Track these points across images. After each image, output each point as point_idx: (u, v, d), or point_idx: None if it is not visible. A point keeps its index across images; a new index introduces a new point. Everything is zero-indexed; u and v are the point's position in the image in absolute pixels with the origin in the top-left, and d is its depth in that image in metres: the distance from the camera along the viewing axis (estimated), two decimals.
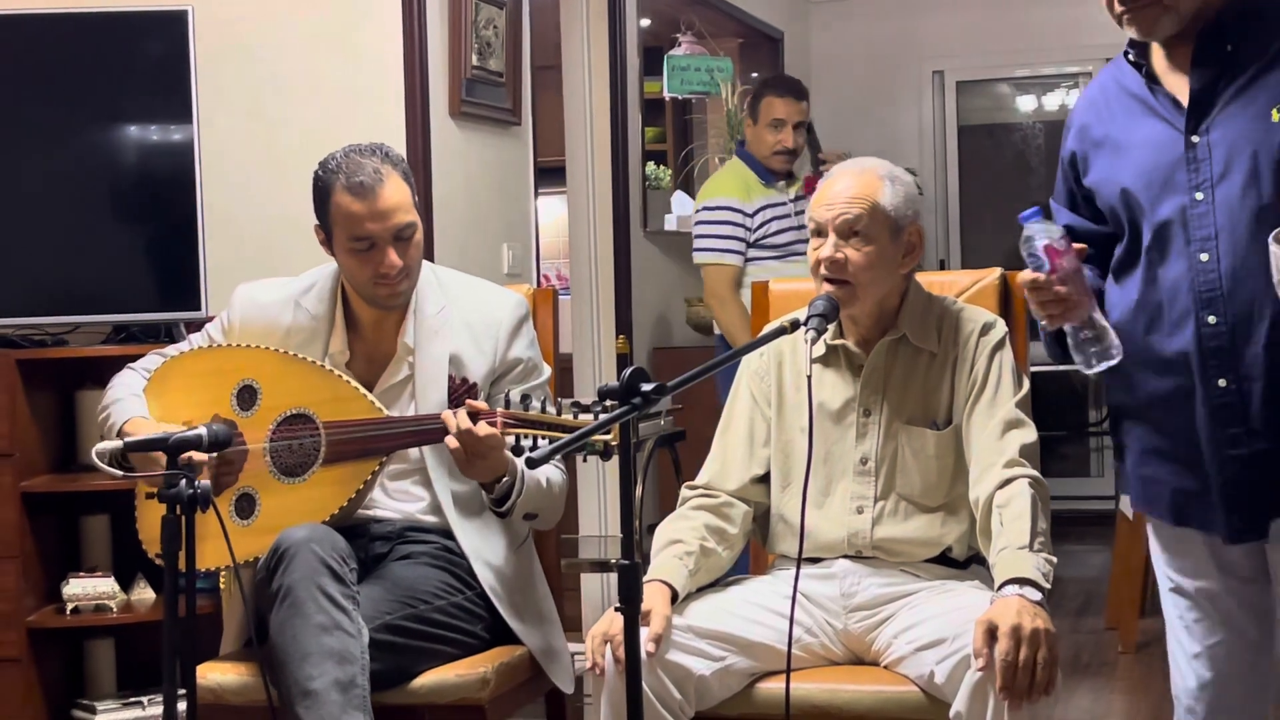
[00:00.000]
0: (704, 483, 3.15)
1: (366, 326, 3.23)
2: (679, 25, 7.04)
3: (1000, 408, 2.95)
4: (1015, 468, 2.88)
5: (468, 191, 4.90)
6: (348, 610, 2.83)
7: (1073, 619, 5.83)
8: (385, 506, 3.19)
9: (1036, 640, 2.59)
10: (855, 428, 3.03)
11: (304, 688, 2.75)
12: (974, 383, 2.99)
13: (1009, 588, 2.68)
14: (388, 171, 3.09)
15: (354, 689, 2.78)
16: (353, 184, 3.07)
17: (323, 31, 4.69)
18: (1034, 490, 2.84)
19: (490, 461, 2.99)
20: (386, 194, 3.07)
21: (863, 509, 3.00)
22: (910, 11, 8.58)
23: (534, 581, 3.26)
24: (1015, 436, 2.92)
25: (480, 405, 3.00)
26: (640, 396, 2.34)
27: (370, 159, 3.10)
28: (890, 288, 3.02)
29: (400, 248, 3.10)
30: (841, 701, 2.86)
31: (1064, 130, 2.81)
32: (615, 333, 5.82)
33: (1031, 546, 2.76)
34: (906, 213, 3.00)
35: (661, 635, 2.79)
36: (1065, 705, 4.58)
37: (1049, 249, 2.54)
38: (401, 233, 3.10)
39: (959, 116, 8.77)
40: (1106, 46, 8.19)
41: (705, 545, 3.02)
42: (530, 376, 3.23)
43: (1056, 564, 2.78)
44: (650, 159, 6.62)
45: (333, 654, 2.77)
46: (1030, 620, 2.60)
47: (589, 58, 5.95)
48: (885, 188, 2.99)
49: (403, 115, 4.57)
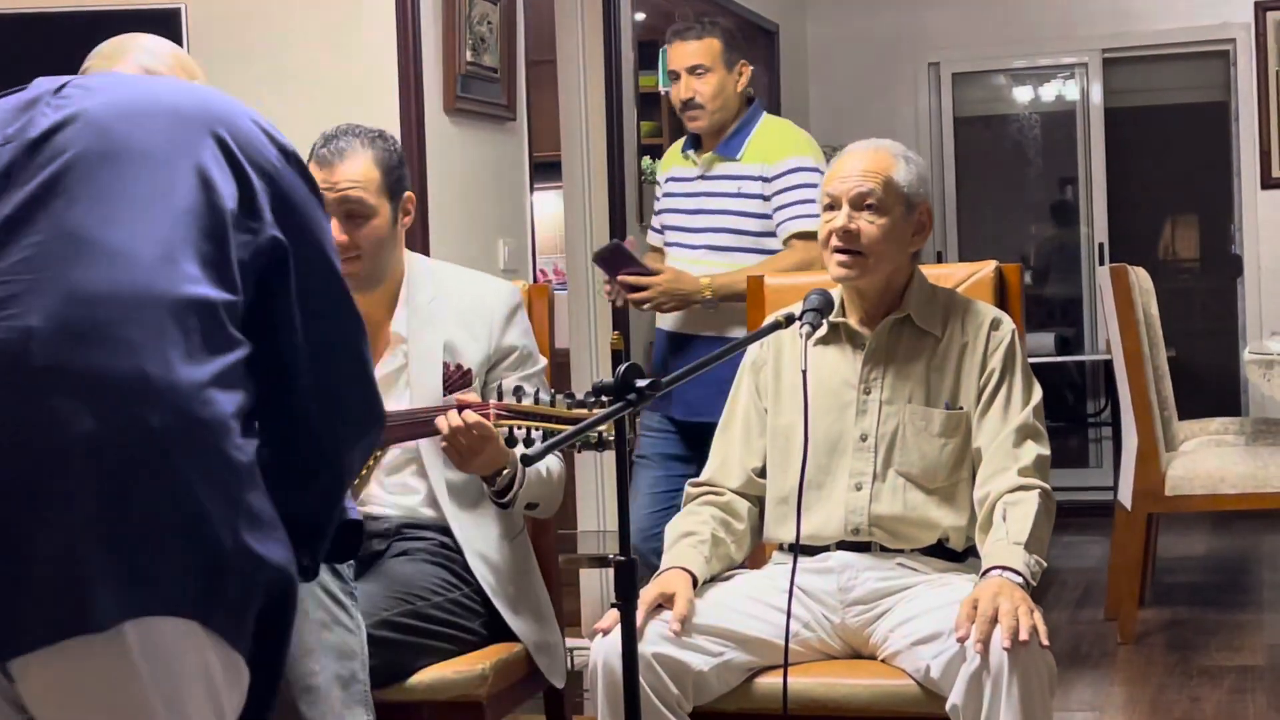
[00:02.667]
0: (706, 479, 3.17)
1: None
2: (674, 18, 7.03)
3: (1017, 413, 2.98)
4: (1030, 477, 2.92)
5: (463, 187, 4.90)
6: (347, 606, 2.83)
7: (1072, 610, 5.83)
8: (382, 502, 3.18)
9: (1015, 598, 2.67)
10: (855, 405, 3.04)
11: (305, 683, 2.75)
12: (988, 376, 3.01)
13: (994, 572, 2.76)
14: (359, 150, 3.08)
15: (355, 684, 2.78)
16: (320, 153, 3.09)
17: (316, 28, 4.69)
18: (1043, 502, 2.90)
19: (485, 455, 2.99)
20: (344, 167, 3.06)
21: (861, 485, 3.00)
22: (906, 3, 8.58)
23: (529, 575, 3.25)
24: (1031, 448, 2.95)
25: (472, 398, 3.00)
26: (635, 392, 2.34)
27: (349, 137, 3.10)
28: (899, 264, 3.04)
29: (350, 226, 3.06)
30: (839, 695, 2.86)
31: None
32: (612, 327, 5.82)
33: (1027, 545, 2.81)
34: (919, 191, 3.04)
35: (686, 616, 2.82)
36: (1064, 696, 4.58)
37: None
38: (352, 209, 3.07)
39: (955, 108, 8.76)
40: (1103, 37, 8.28)
41: (716, 535, 3.05)
42: (525, 364, 3.22)
43: (1046, 566, 2.84)
44: (646, 153, 6.61)
45: (333, 650, 2.77)
46: (1010, 590, 2.70)
47: (584, 52, 5.95)
48: (899, 164, 3.03)
49: (397, 111, 4.56)
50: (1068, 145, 8.71)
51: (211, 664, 1.96)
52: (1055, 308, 8.78)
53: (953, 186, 8.71)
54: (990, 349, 3.03)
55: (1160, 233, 8.90)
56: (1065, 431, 8.59)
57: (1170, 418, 5.63)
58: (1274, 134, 8.09)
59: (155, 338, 1.90)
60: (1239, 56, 8.20)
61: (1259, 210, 8.18)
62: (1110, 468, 7.98)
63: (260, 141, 2.12)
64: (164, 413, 1.88)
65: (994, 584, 2.73)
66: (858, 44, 8.66)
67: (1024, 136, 8.94)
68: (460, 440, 2.95)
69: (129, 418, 1.87)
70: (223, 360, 1.96)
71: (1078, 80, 8.62)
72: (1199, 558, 6.87)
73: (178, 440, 1.89)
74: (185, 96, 2.14)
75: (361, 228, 3.08)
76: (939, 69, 8.70)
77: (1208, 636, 5.30)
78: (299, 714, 2.75)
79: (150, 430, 1.87)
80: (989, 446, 2.97)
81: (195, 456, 1.91)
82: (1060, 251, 8.91)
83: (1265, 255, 8.17)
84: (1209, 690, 4.63)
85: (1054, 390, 8.50)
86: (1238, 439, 5.81)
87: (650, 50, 6.90)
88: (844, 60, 8.68)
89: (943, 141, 8.71)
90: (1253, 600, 6.04)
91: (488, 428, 2.95)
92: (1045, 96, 8.89)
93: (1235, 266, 8.40)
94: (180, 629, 1.92)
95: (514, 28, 5.16)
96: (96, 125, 2.03)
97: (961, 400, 3.02)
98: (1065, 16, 8.37)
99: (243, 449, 1.96)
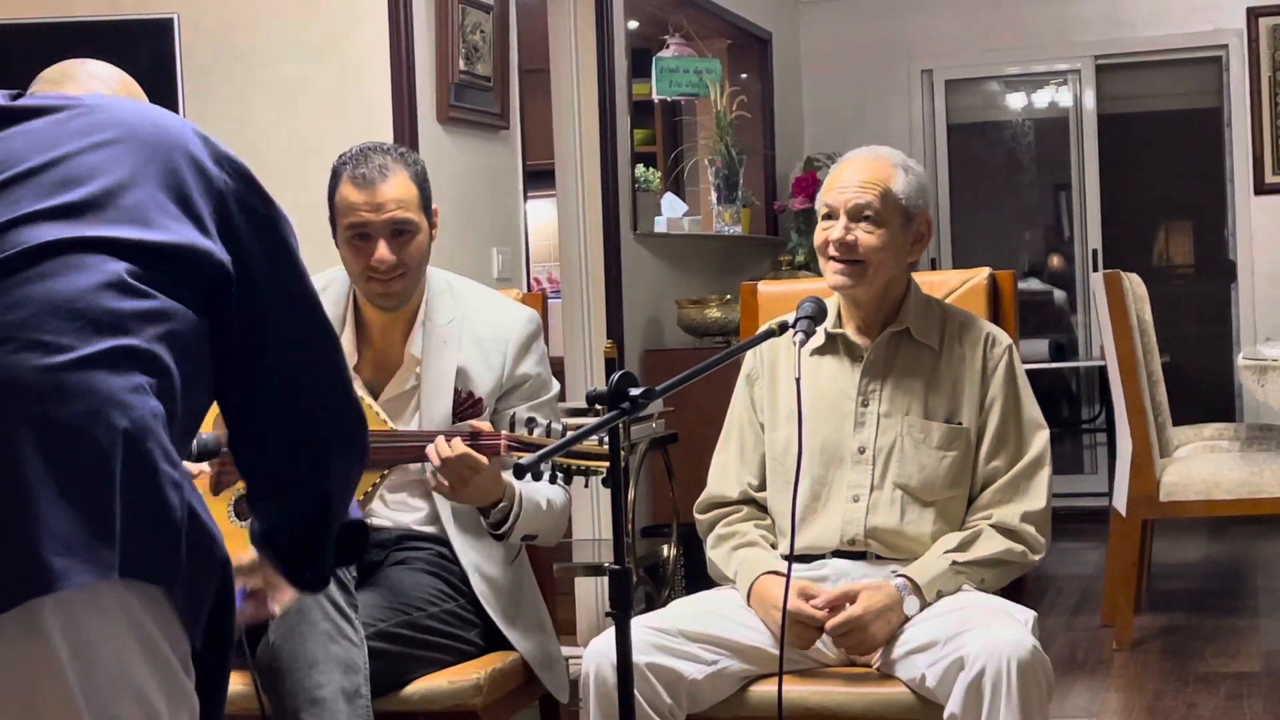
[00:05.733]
0: (708, 498, 3.17)
1: (375, 332, 3.21)
2: (667, 27, 7.04)
3: (1025, 451, 3.02)
4: (1029, 526, 2.97)
5: (457, 196, 4.89)
6: (351, 619, 2.83)
7: (1068, 616, 5.83)
8: (382, 516, 3.18)
9: (890, 627, 2.83)
10: (854, 416, 3.04)
11: (311, 695, 2.75)
12: (991, 398, 3.02)
13: (902, 580, 2.87)
14: (395, 169, 3.11)
15: (359, 699, 2.78)
16: (356, 174, 3.09)
17: (309, 38, 4.69)
18: (1018, 555, 2.96)
19: (474, 487, 2.97)
20: (387, 187, 3.09)
21: (859, 497, 3.00)
22: (898, 11, 8.59)
23: (526, 590, 3.25)
24: (1030, 498, 2.99)
25: (484, 426, 2.99)
26: (629, 401, 2.34)
27: (381, 155, 3.13)
28: (897, 274, 3.03)
29: (396, 244, 3.09)
30: (834, 704, 2.86)
31: None
32: (606, 335, 5.82)
33: (965, 568, 2.91)
34: (918, 201, 3.03)
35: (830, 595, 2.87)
36: (1061, 703, 4.58)
37: None
38: (399, 228, 3.09)
39: (948, 115, 8.76)
40: (1096, 43, 8.29)
41: (764, 537, 3.09)
42: (538, 393, 3.20)
43: (958, 592, 2.91)
44: (639, 161, 6.61)
45: (339, 663, 2.77)
46: (892, 617, 2.84)
47: (577, 61, 5.95)
48: (898, 175, 3.01)
49: (390, 121, 4.56)
50: (1061, 152, 8.72)
51: (155, 637, 1.88)
52: (1049, 314, 8.78)
53: (946, 193, 8.71)
54: (990, 368, 3.03)
55: (1154, 239, 8.90)
56: (1060, 438, 8.59)
57: (1165, 423, 5.63)
58: (1267, 139, 8.10)
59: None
60: (1232, 62, 8.21)
61: (1252, 216, 8.19)
62: (1105, 474, 7.98)
63: (209, 162, 2.06)
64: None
65: (889, 599, 2.84)
66: (851, 51, 8.67)
67: (1017, 143, 8.94)
68: (449, 470, 2.93)
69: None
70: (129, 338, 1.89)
71: (1071, 87, 8.62)
72: (1195, 564, 6.86)
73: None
74: (139, 118, 2.09)
75: (408, 246, 3.11)
76: (932, 76, 8.71)
77: (1204, 643, 5.30)
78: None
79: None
80: (989, 480, 3.01)
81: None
82: (1054, 258, 8.92)
83: (1259, 261, 8.18)
84: (1205, 696, 4.63)
85: (1048, 397, 8.50)
86: (1232, 445, 5.81)
87: (644, 59, 6.91)
88: (837, 68, 8.69)
89: (936, 148, 8.71)
90: (1248, 606, 6.03)
91: (476, 459, 2.93)
92: (1038, 103, 8.90)
93: (1229, 272, 8.41)
94: (130, 595, 1.86)
95: (507, 36, 5.16)
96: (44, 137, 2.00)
97: (961, 416, 3.01)
98: (1058, 23, 8.37)
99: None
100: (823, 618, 2.84)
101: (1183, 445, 5.82)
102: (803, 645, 2.88)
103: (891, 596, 2.85)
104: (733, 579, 3.03)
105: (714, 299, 6.45)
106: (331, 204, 3.15)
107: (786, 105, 8.31)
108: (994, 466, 3.01)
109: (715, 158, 7.09)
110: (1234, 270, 8.34)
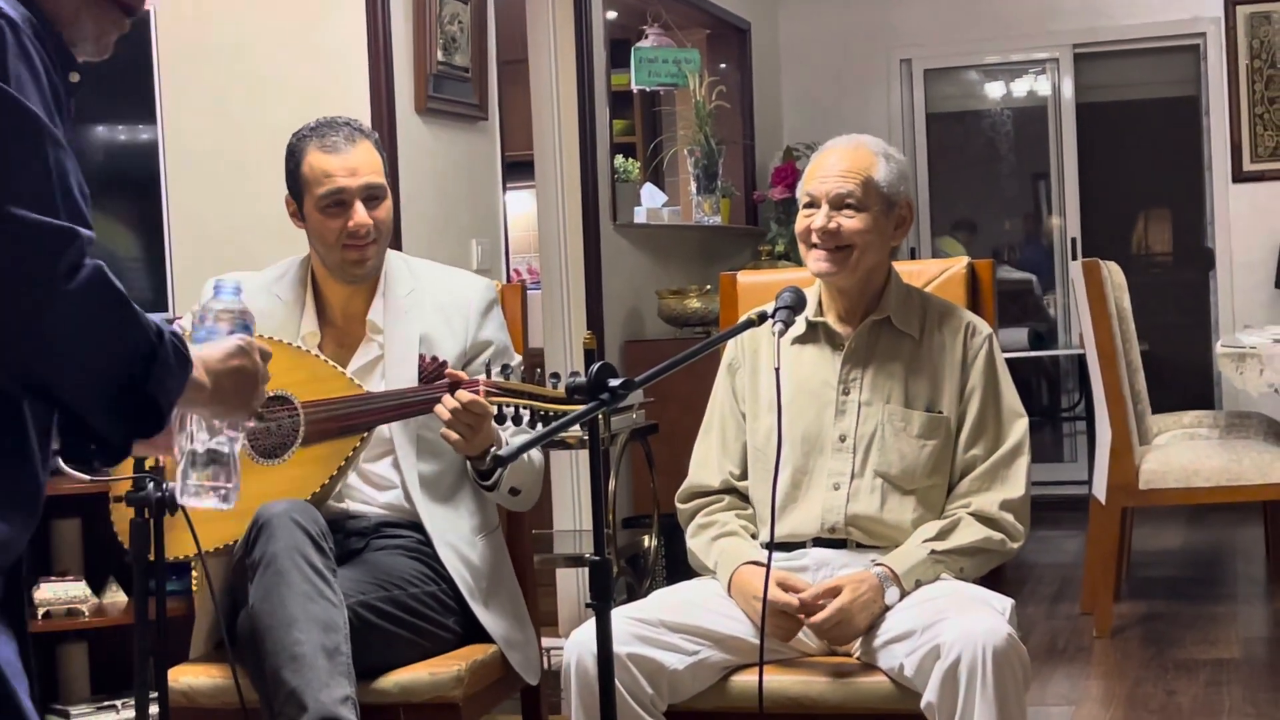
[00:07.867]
0: (690, 487, 3.18)
1: (336, 309, 3.27)
2: (646, 17, 7.03)
3: (1004, 439, 3.03)
4: (1007, 514, 2.97)
5: (435, 188, 4.88)
6: (330, 581, 2.86)
7: (1048, 605, 5.84)
8: (361, 498, 3.19)
9: (871, 616, 2.84)
10: (834, 405, 3.04)
11: (291, 652, 2.77)
12: (970, 387, 3.03)
13: (881, 570, 2.87)
14: (358, 137, 3.20)
15: (339, 656, 2.80)
16: (326, 143, 3.16)
17: (286, 29, 4.67)
18: (997, 543, 2.96)
19: (482, 434, 3.03)
20: (358, 153, 3.17)
21: (839, 485, 3.01)
22: (877, 0, 8.59)
23: (502, 573, 3.26)
24: (1009, 486, 3.00)
25: (461, 374, 3.05)
26: (608, 392, 2.34)
27: (342, 125, 3.21)
28: (879, 261, 3.04)
29: (370, 208, 3.17)
30: (814, 693, 2.86)
31: None
32: (586, 326, 5.81)
33: (944, 557, 2.91)
34: (899, 188, 3.04)
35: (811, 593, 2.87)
36: (1040, 691, 4.59)
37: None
38: (372, 193, 3.17)
39: (927, 104, 8.77)
40: (1074, 32, 8.30)
41: (745, 527, 3.10)
42: (501, 358, 3.24)
43: (934, 581, 2.91)
44: (619, 151, 6.60)
45: (318, 621, 2.80)
46: (872, 606, 2.84)
47: (555, 51, 5.94)
48: (880, 163, 3.02)
49: (368, 112, 4.55)
50: (1040, 140, 8.73)
51: None
52: (1028, 303, 8.80)
53: (925, 182, 8.72)
54: (970, 358, 3.04)
55: (1132, 227, 8.92)
56: (1039, 426, 8.61)
57: (1144, 411, 5.64)
58: (1245, 128, 8.12)
59: None
60: (1209, 51, 8.23)
61: (1230, 204, 8.20)
62: (1085, 462, 8.00)
63: None
64: None
65: (872, 590, 2.85)
66: (830, 41, 8.67)
67: (996, 132, 8.95)
68: (460, 421, 2.99)
69: None
70: None
71: (1049, 75, 8.63)
72: (1174, 551, 6.89)
73: None
74: None
75: (380, 211, 3.19)
76: (911, 65, 8.71)
77: (1183, 630, 5.32)
78: (284, 682, 2.76)
79: None
80: (968, 469, 3.01)
81: None
82: (1032, 246, 8.93)
83: (1237, 249, 8.20)
84: (1185, 683, 4.65)
85: (1028, 385, 8.52)
86: (1211, 432, 5.82)
87: (622, 49, 6.91)
88: (816, 57, 8.69)
89: (915, 137, 8.72)
90: (1227, 593, 6.05)
91: (484, 406, 3.00)
92: (1017, 92, 8.91)
93: (1207, 260, 8.43)
94: None
95: (485, 27, 5.15)
96: None
97: (941, 405, 3.02)
98: (1036, 12, 8.38)
99: None
100: (803, 619, 2.85)
101: (1162, 433, 5.84)
102: (784, 637, 2.89)
103: (874, 587, 2.86)
104: (713, 569, 3.03)
105: (694, 289, 6.45)
106: (297, 177, 3.19)
107: (765, 95, 8.31)
108: (973, 454, 3.01)
109: (694, 148, 7.09)
110: (1212, 258, 8.36)
